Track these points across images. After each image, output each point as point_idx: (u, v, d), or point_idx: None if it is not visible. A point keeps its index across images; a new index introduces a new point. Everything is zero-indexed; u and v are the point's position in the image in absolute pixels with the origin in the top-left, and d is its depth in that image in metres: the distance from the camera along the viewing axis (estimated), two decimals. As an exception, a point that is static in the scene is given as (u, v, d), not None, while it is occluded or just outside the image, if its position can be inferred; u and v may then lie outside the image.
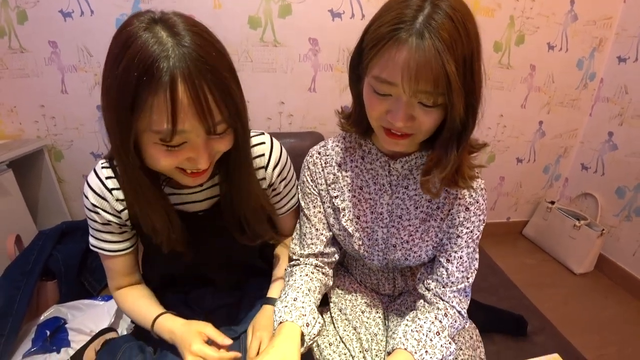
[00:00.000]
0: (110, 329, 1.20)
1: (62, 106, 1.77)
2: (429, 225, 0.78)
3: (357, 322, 0.87)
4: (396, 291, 0.96)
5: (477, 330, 0.93)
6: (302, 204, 0.88)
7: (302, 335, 0.69)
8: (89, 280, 1.44)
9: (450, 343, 0.71)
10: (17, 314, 1.17)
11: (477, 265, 0.79)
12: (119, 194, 0.75)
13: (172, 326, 0.77)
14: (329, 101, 1.91)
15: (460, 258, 0.77)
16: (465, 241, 0.77)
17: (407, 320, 0.75)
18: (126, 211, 0.76)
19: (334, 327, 0.88)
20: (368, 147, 0.80)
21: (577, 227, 2.09)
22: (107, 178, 0.74)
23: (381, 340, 0.86)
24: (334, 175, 0.83)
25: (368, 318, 0.89)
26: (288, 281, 0.78)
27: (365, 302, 0.92)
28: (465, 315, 0.78)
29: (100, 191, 0.74)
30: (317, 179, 0.85)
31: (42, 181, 1.87)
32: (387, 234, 0.82)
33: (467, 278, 0.77)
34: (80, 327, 1.25)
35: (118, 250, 0.82)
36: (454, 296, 0.77)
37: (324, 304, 0.96)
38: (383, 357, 0.84)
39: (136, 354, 0.85)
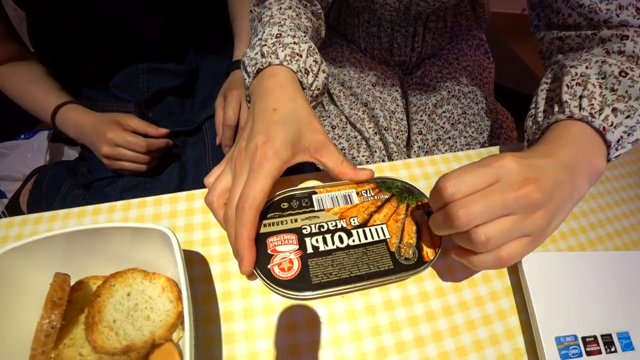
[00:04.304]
0: (44, 167, 0.95)
1: None
2: None
3: (367, 96, 0.61)
4: (414, 56, 0.68)
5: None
6: None
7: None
8: (4, 121, 1.12)
9: None
10: None
11: None
12: None
13: (79, 118, 0.56)
14: None
15: None
16: None
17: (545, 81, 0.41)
18: None
19: (336, 105, 0.63)
20: None
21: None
22: None
23: (401, 119, 0.63)
24: None
25: (382, 92, 0.64)
26: (260, 20, 0.45)
27: (375, 74, 0.65)
28: None
29: None
30: None
31: None
32: None
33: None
34: (9, 173, 1.00)
35: None
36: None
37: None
38: (404, 140, 0.62)
39: (65, 179, 0.63)
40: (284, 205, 0.35)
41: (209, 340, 0.32)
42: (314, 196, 0.36)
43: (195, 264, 0.36)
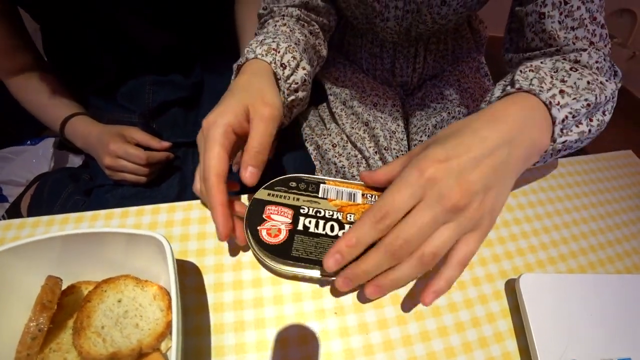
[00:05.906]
0: (47, 173, 0.96)
1: None
2: None
3: (368, 116, 0.62)
4: (416, 77, 0.69)
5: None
6: None
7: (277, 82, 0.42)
8: (12, 126, 1.14)
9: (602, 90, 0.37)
10: None
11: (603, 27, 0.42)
12: None
13: (86, 130, 0.58)
14: None
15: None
16: None
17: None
18: None
19: (337, 124, 0.64)
20: None
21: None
22: None
23: (401, 139, 0.63)
24: None
25: (383, 112, 0.64)
26: (257, 38, 0.47)
27: (377, 94, 0.66)
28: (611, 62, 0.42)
29: None
30: None
31: None
32: None
33: (590, 41, 0.41)
34: (13, 178, 1.01)
35: None
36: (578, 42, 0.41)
37: (318, 102, 0.70)
38: (405, 160, 0.62)
39: (67, 185, 0.63)
40: (292, 184, 0.38)
41: (198, 351, 0.31)
42: (321, 185, 0.38)
43: (189, 273, 0.36)
